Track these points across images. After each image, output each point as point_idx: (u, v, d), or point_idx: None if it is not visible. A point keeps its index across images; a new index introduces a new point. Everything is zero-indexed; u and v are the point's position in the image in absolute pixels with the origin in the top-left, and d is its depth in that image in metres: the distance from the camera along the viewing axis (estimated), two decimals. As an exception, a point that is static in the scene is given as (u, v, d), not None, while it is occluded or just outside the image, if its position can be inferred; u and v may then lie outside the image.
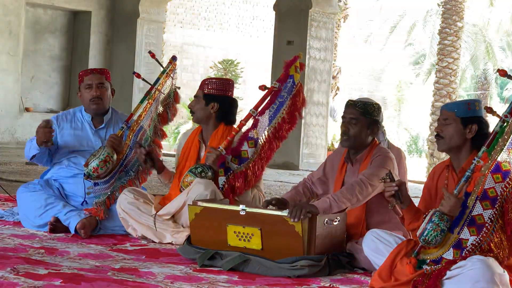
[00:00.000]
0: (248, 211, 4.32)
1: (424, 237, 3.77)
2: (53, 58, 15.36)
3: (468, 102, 4.05)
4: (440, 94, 19.04)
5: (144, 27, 15.02)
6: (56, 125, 5.45)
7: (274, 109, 5.08)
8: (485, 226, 3.74)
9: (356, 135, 4.56)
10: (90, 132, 5.47)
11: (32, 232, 5.10)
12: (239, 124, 5.16)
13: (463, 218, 3.79)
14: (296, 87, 5.08)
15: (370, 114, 4.57)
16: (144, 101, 5.42)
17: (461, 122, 4.01)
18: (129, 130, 5.32)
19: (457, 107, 4.04)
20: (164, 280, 3.87)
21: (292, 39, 12.86)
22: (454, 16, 18.90)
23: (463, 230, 3.78)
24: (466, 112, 4.01)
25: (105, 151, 5.09)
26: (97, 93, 5.38)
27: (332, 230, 4.31)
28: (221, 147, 4.99)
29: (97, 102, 5.40)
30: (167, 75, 5.47)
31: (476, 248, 3.73)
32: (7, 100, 14.17)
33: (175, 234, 4.96)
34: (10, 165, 10.31)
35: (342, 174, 4.65)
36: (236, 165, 5.00)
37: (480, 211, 3.76)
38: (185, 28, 23.16)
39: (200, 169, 4.90)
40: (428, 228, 3.76)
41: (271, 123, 5.06)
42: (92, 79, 5.40)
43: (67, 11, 15.41)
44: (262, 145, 5.05)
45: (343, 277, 4.17)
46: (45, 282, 3.60)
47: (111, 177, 5.19)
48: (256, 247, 4.27)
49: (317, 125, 13.18)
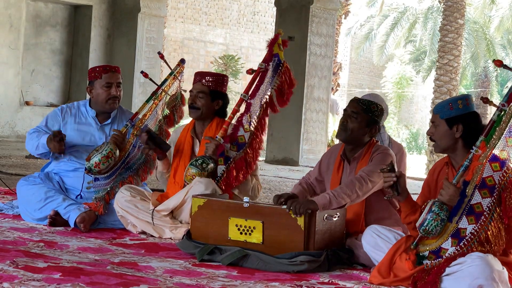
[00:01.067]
0: (252, 203, 4.35)
1: (424, 227, 3.78)
2: (53, 52, 15.35)
3: (449, 103, 4.02)
4: (440, 92, 19.03)
5: (145, 22, 15.01)
6: (61, 117, 5.45)
7: (263, 89, 5.11)
8: (483, 214, 3.75)
9: (353, 129, 4.55)
10: (96, 127, 5.46)
11: (31, 225, 5.10)
12: (232, 110, 5.17)
13: (462, 207, 3.80)
14: (282, 65, 5.11)
15: (372, 112, 4.56)
16: (150, 101, 5.41)
17: (447, 124, 4.01)
18: (133, 128, 5.31)
19: (441, 109, 4.04)
20: (163, 274, 3.87)
21: (293, 35, 12.83)
22: (455, 14, 18.89)
23: (461, 219, 3.80)
24: (449, 112, 4.00)
25: (108, 147, 5.08)
26: (116, 93, 5.39)
27: (332, 225, 4.32)
28: (218, 136, 5.00)
29: (114, 101, 5.40)
30: (175, 77, 5.45)
31: (475, 238, 3.73)
32: (7, 93, 14.16)
33: (173, 230, 4.96)
34: (10, 158, 10.31)
35: (339, 173, 4.64)
36: (235, 152, 5.03)
37: (478, 200, 3.78)
38: (186, 23, 23.15)
39: (201, 160, 4.89)
40: (428, 218, 3.77)
41: (261, 103, 5.09)
42: (113, 78, 5.38)
43: (68, 5, 15.40)
44: (255, 126, 5.09)
45: (342, 273, 4.17)
46: (44, 275, 3.60)
47: (112, 173, 5.19)
48: (257, 241, 4.27)
49: (317, 121, 13.17)
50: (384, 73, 32.51)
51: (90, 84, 5.46)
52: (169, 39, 22.42)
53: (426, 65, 30.15)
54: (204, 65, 23.23)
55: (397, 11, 29.75)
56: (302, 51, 12.71)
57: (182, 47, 22.88)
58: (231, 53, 23.30)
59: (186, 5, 23.13)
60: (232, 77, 21.51)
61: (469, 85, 31.98)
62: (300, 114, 12.83)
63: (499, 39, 28.87)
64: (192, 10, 23.32)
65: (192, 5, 23.30)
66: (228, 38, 23.86)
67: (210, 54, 23.36)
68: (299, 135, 12.86)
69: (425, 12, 29.28)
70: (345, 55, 31.55)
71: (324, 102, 13.33)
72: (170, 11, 22.31)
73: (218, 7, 23.84)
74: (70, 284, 3.46)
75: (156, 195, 5.16)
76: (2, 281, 3.43)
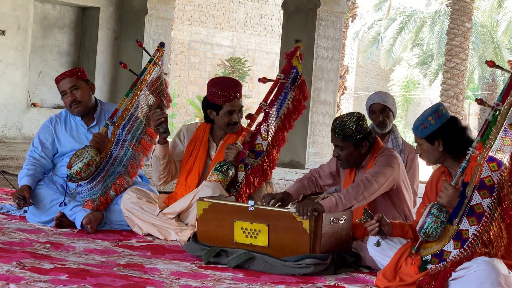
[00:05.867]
0: (257, 207, 4.34)
1: (424, 230, 3.78)
2: (61, 54, 15.38)
3: (421, 122, 4.05)
4: (447, 95, 19.02)
5: (152, 24, 15.03)
6: (52, 128, 5.40)
7: (280, 100, 5.18)
8: (485, 215, 3.74)
9: (347, 158, 4.58)
10: (84, 130, 5.41)
11: (38, 226, 5.11)
12: (251, 118, 5.18)
13: (462, 208, 3.79)
14: (299, 77, 5.19)
15: (350, 137, 4.52)
16: (130, 94, 5.28)
17: (427, 141, 4.05)
18: (113, 126, 5.25)
19: (416, 128, 4.08)
20: (169, 276, 3.87)
21: (300, 38, 12.84)
22: (462, 17, 18.88)
23: (462, 220, 3.78)
24: (425, 131, 4.04)
25: (88, 153, 5.02)
26: (72, 97, 5.28)
27: (338, 228, 4.31)
28: (238, 143, 5.02)
29: (76, 105, 5.30)
30: (155, 63, 5.32)
31: (478, 239, 3.72)
32: (14, 95, 14.19)
33: (178, 232, 4.96)
34: (17, 159, 10.33)
35: (351, 179, 4.65)
36: (253, 159, 5.08)
37: (478, 200, 3.77)
38: (193, 26, 23.18)
39: (226, 166, 4.93)
40: (428, 221, 3.78)
41: (278, 114, 5.15)
42: (64, 85, 5.28)
43: (76, 7, 15.43)
44: (273, 136, 5.15)
45: (348, 276, 4.17)
46: (51, 276, 3.60)
47: (95, 177, 5.13)
48: (263, 244, 4.27)
49: (324, 124, 13.17)
50: (392, 76, 32.49)
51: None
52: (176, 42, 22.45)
53: (433, 69, 30.13)
54: (210, 68, 23.26)
55: (404, 14, 29.74)
56: (309, 54, 12.71)
57: (189, 50, 22.92)
58: (238, 55, 23.31)
59: (193, 7, 23.16)
60: (239, 79, 21.55)
61: (476, 88, 31.95)
62: (306, 117, 12.83)
63: (507, 43, 28.83)
64: (199, 12, 23.35)
65: (199, 7, 23.33)
66: (235, 40, 23.88)
67: (217, 56, 23.39)
68: (306, 138, 12.87)
69: (432, 16, 29.26)
70: (352, 58, 31.55)
71: (331, 105, 13.33)
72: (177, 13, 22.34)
73: (225, 10, 23.86)
74: (76, 285, 3.46)
75: (163, 198, 5.16)
76: (9, 282, 3.44)
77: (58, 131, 5.42)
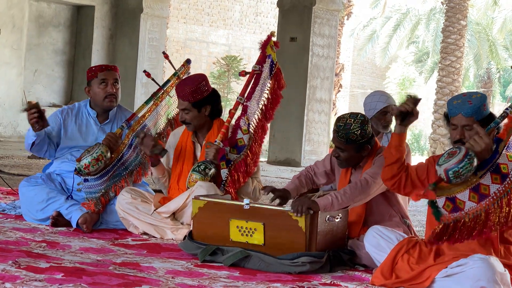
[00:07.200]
0: (252, 205, 4.33)
1: (458, 169, 3.59)
2: (56, 52, 15.37)
3: (483, 104, 3.85)
4: (442, 93, 19.03)
5: (148, 22, 15.03)
6: (61, 118, 5.42)
7: (259, 91, 5.15)
8: (509, 177, 3.65)
9: (347, 159, 4.56)
10: (95, 128, 5.44)
11: (34, 225, 5.11)
12: (229, 114, 5.17)
13: (492, 162, 3.67)
14: (275, 66, 5.14)
15: (353, 141, 4.48)
16: (150, 101, 5.37)
17: (481, 124, 3.81)
18: (129, 129, 5.28)
19: (474, 112, 3.84)
20: (165, 275, 3.87)
21: (295, 36, 12.85)
22: (457, 15, 18.89)
23: (486, 175, 3.68)
24: (483, 113, 3.86)
25: (99, 149, 5.05)
26: (113, 90, 5.34)
27: (334, 227, 4.32)
28: (217, 141, 5.01)
29: (111, 99, 5.35)
30: (178, 77, 5.40)
31: (497, 200, 3.61)
32: (10, 93, 14.18)
33: (174, 231, 4.97)
34: (13, 158, 10.32)
35: (347, 178, 4.64)
36: (235, 155, 5.05)
37: (505, 161, 3.68)
38: (189, 24, 23.16)
39: (203, 166, 4.91)
40: (465, 161, 3.59)
41: (258, 105, 5.12)
42: (107, 76, 5.34)
43: (71, 5, 15.41)
44: (255, 129, 5.13)
45: (344, 274, 4.17)
46: (47, 275, 3.60)
47: (103, 174, 5.15)
48: (258, 243, 4.27)
49: (319, 122, 13.18)
50: (388, 74, 32.49)
51: (88, 85, 5.41)
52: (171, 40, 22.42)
53: (429, 66, 30.15)
54: (206, 66, 23.24)
55: (400, 12, 29.74)
56: (305, 52, 12.72)
57: (185, 48, 22.89)
58: (233, 54, 23.29)
59: (189, 5, 23.14)
60: (234, 77, 21.52)
61: (471, 86, 31.97)
62: (302, 115, 12.84)
63: (502, 41, 28.84)
64: (194, 11, 23.33)
65: (195, 6, 23.30)
66: (230, 39, 23.86)
67: (212, 55, 23.36)
68: (301, 136, 12.87)
69: (427, 13, 29.26)
70: (347, 56, 31.54)
71: (327, 103, 13.34)
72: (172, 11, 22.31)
73: (220, 8, 23.84)
74: (72, 284, 3.46)
75: (158, 197, 5.16)
76: (4, 281, 3.44)
77: (67, 123, 5.42)
